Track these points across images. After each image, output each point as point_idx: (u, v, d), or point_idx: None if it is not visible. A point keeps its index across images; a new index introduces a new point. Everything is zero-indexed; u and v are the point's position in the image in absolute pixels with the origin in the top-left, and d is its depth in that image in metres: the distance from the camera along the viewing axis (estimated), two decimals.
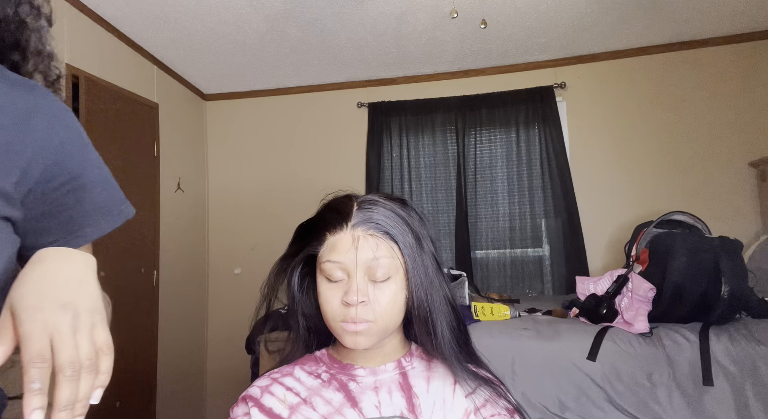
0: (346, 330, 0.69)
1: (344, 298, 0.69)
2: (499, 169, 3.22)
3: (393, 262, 0.71)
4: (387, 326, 0.71)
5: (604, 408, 1.57)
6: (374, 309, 0.69)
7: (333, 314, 0.70)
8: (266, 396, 0.72)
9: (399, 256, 0.72)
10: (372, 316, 0.69)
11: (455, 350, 0.73)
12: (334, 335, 0.73)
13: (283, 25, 2.65)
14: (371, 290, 0.70)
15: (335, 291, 0.71)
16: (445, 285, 0.75)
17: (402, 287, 0.72)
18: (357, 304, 0.68)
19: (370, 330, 0.69)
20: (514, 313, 1.92)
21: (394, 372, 0.74)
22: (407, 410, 0.69)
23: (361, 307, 0.69)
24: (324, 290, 0.72)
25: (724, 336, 1.58)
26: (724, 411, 1.50)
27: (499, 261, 3.16)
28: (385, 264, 0.70)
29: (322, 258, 0.72)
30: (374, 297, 0.69)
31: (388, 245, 0.71)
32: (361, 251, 0.70)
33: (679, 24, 2.80)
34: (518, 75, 3.25)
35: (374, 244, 0.70)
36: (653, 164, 3.03)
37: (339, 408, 0.70)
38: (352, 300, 0.68)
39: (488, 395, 0.73)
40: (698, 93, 3.01)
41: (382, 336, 0.72)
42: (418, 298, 0.72)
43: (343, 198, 0.76)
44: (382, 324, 0.70)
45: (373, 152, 3.37)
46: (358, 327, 0.69)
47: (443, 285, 0.75)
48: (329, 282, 0.71)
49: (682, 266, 1.68)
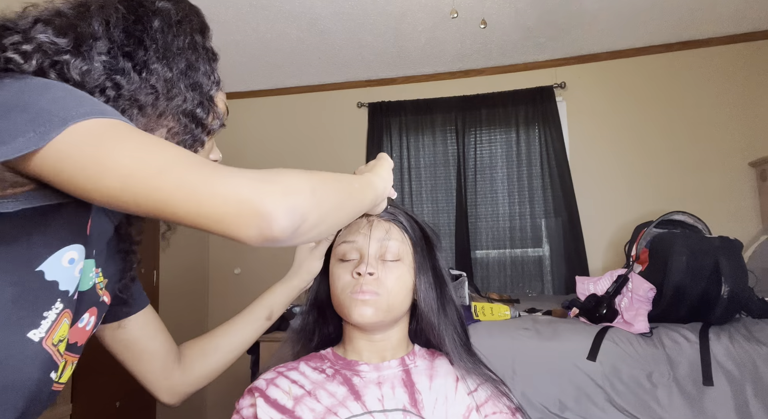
0: (354, 298, 0.74)
1: (355, 269, 0.76)
2: (499, 169, 3.22)
3: (403, 247, 0.79)
4: (393, 304, 0.75)
5: (604, 408, 1.57)
6: (382, 284, 0.75)
7: (343, 286, 0.76)
8: (272, 387, 0.74)
9: (409, 245, 0.79)
10: (381, 290, 0.74)
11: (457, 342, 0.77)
12: (343, 312, 0.77)
13: (283, 25, 2.65)
14: (381, 268, 0.76)
15: (347, 268, 0.78)
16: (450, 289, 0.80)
17: (410, 272, 0.78)
18: (366, 273, 0.75)
19: (377, 302, 0.74)
20: (514, 313, 1.92)
21: (397, 369, 0.76)
22: (410, 404, 0.70)
23: (371, 279, 0.75)
24: (336, 269, 0.79)
25: (724, 336, 1.58)
26: (724, 411, 1.50)
27: (499, 261, 3.16)
28: (395, 246, 0.78)
29: (338, 241, 0.81)
30: (383, 275, 0.76)
31: (400, 232, 0.80)
32: (375, 231, 0.78)
33: (679, 24, 2.79)
34: (518, 75, 3.25)
35: (387, 227, 0.79)
36: (653, 164, 3.03)
37: (342, 400, 0.71)
38: (362, 270, 0.75)
39: (490, 393, 0.74)
40: (698, 93, 3.01)
41: (387, 314, 0.75)
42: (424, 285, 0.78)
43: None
44: (388, 300, 0.75)
45: (373, 152, 3.36)
46: (366, 296, 0.73)
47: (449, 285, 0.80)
48: (342, 262, 0.79)
49: (682, 266, 1.68)
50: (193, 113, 0.63)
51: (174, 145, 0.47)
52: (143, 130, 0.57)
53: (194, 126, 0.64)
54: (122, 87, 0.56)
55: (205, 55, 0.67)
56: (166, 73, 0.60)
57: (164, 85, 0.60)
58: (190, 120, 0.63)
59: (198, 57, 0.65)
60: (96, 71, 0.55)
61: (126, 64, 0.58)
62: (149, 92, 0.59)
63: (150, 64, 0.59)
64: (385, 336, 0.78)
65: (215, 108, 0.69)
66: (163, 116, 0.61)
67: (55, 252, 0.50)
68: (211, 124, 0.68)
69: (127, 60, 0.58)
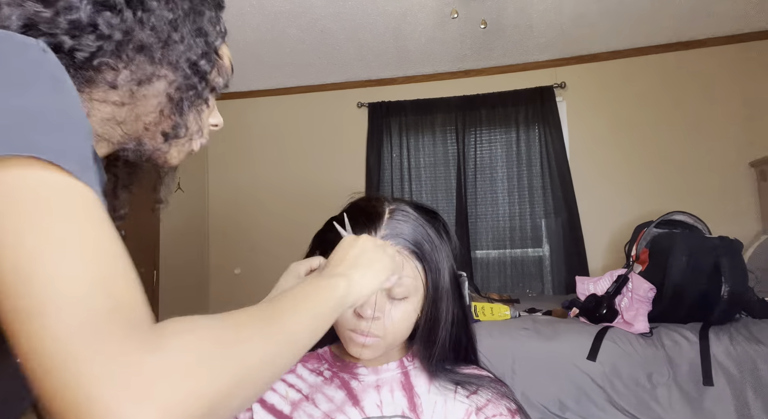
0: (354, 340, 0.69)
1: (358, 309, 0.67)
2: (499, 169, 3.22)
3: (414, 283, 0.69)
4: (394, 342, 0.71)
5: (604, 408, 1.57)
6: (385, 326, 0.68)
7: (344, 321, 0.69)
8: (268, 392, 0.73)
9: (422, 278, 0.70)
10: (382, 332, 0.68)
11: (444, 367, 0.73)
12: (340, 339, 0.73)
13: (283, 25, 2.65)
14: (386, 306, 0.68)
15: None
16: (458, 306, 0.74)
17: (416, 308, 0.71)
18: (370, 319, 0.67)
19: (377, 345, 0.69)
20: (514, 313, 1.92)
21: (396, 372, 0.74)
22: (408, 409, 0.70)
23: (374, 322, 0.68)
24: None
25: (724, 336, 1.58)
26: (724, 411, 1.50)
27: (499, 261, 3.16)
28: (407, 284, 0.69)
29: None
30: (387, 313, 0.68)
31: (414, 265, 0.70)
32: None
33: (679, 24, 2.79)
34: (518, 75, 3.25)
35: (401, 262, 0.68)
36: (653, 164, 3.03)
37: (341, 405, 0.70)
38: (367, 314, 0.67)
39: (490, 396, 0.73)
40: (698, 93, 3.01)
41: (388, 350, 0.72)
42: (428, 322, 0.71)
43: (374, 201, 0.74)
44: (390, 340, 0.70)
45: (373, 152, 3.37)
46: (367, 341, 0.68)
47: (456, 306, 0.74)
48: None
49: (682, 266, 1.68)
50: (197, 64, 0.54)
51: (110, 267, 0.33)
52: (141, 84, 0.49)
53: (197, 80, 0.55)
54: (115, 26, 0.47)
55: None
56: (166, 13, 0.50)
57: (166, 27, 0.50)
58: (194, 72, 0.54)
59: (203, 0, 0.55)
60: (81, 7, 0.45)
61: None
62: (150, 33, 0.49)
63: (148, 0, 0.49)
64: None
65: (220, 62, 0.59)
66: (163, 65, 0.51)
67: None
68: (214, 81, 0.59)
69: None
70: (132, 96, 0.50)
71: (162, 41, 0.50)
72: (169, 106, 0.53)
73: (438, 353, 0.72)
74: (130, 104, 0.51)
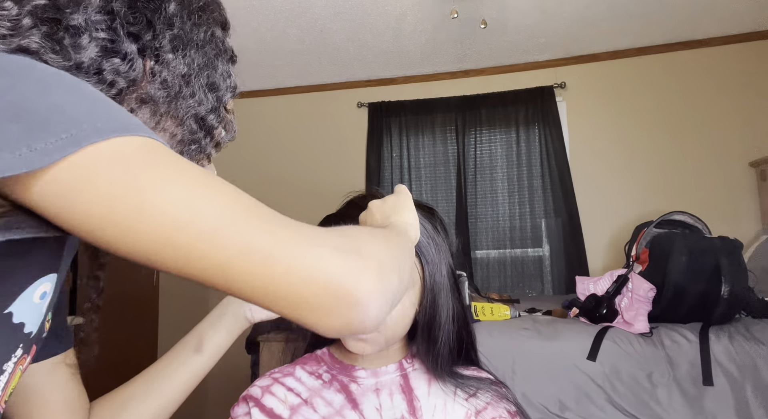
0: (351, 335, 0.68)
1: None
2: (499, 169, 3.22)
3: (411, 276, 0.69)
4: (393, 337, 0.71)
5: (604, 408, 1.57)
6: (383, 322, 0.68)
7: None
8: (267, 396, 0.72)
9: (419, 271, 0.71)
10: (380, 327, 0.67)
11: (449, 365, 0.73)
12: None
13: (283, 25, 2.65)
14: None
15: None
16: (457, 303, 0.74)
17: (414, 302, 0.71)
18: None
19: (376, 340, 0.69)
20: (514, 313, 1.92)
21: (395, 374, 0.74)
22: (408, 413, 0.69)
23: None
24: None
25: (724, 336, 1.58)
26: (724, 411, 1.50)
27: (499, 261, 3.16)
28: None
29: None
30: None
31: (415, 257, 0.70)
32: None
33: (679, 24, 2.79)
34: (518, 75, 3.25)
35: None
36: (653, 164, 3.03)
37: (340, 409, 0.70)
38: None
39: (490, 398, 0.73)
40: (698, 93, 3.01)
41: (387, 345, 0.72)
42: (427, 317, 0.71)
43: (370, 197, 0.74)
44: (389, 334, 0.70)
45: (373, 152, 3.37)
46: (363, 336, 0.68)
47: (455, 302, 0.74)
48: None
49: (682, 266, 1.68)
50: (204, 119, 0.52)
51: (228, 185, 0.36)
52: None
53: (203, 134, 0.53)
54: (122, 74, 0.44)
55: (224, 53, 0.56)
56: (181, 67, 0.48)
57: (178, 81, 0.48)
58: (200, 127, 0.52)
59: (218, 54, 0.54)
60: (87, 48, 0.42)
61: (130, 47, 0.45)
62: (159, 87, 0.47)
63: (163, 52, 0.47)
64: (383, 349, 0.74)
65: (227, 117, 0.59)
66: (167, 118, 0.50)
67: (28, 288, 0.39)
68: (219, 136, 0.57)
69: (132, 41, 0.45)
70: None
71: (171, 96, 0.48)
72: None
73: (439, 353, 0.72)
74: None
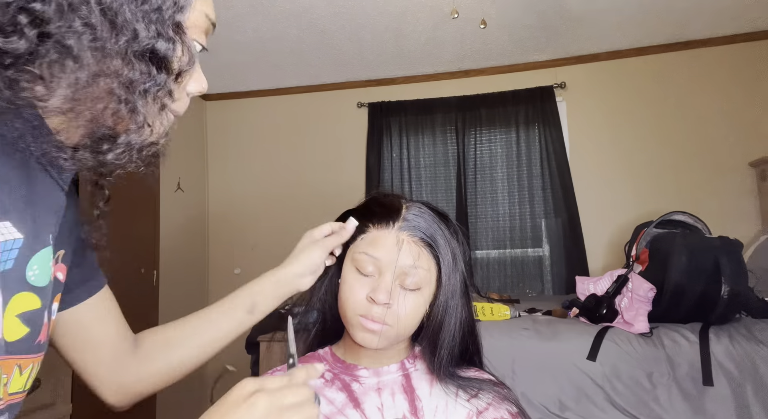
0: (363, 325, 0.69)
1: (371, 294, 0.69)
2: (499, 169, 3.22)
3: (427, 276, 0.71)
4: (401, 333, 0.71)
5: (604, 408, 1.57)
6: (395, 315, 0.69)
7: (355, 306, 0.70)
8: None
9: (435, 272, 0.72)
10: (392, 321, 0.69)
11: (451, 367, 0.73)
12: (347, 326, 0.73)
13: (283, 25, 2.65)
14: (398, 295, 0.69)
15: (363, 284, 0.70)
16: (466, 310, 0.75)
17: (426, 301, 0.72)
18: (383, 304, 0.68)
19: (386, 333, 0.70)
20: (514, 313, 1.92)
21: (397, 374, 0.74)
22: (410, 413, 0.69)
23: (385, 309, 0.69)
24: (351, 279, 0.72)
25: (724, 336, 1.58)
26: (724, 411, 1.50)
27: (499, 261, 3.16)
28: (420, 275, 0.70)
29: (358, 248, 0.72)
30: (399, 303, 0.69)
31: (429, 257, 0.71)
32: (403, 255, 0.70)
33: (679, 24, 2.79)
34: (518, 75, 3.25)
35: (416, 253, 0.70)
36: (653, 164, 3.03)
37: (341, 408, 0.70)
38: (380, 299, 0.68)
39: (491, 399, 0.73)
40: (698, 93, 3.01)
41: (393, 342, 0.72)
42: (435, 318, 0.72)
43: (393, 196, 0.77)
44: (398, 330, 0.70)
45: (373, 152, 3.37)
46: (376, 327, 0.69)
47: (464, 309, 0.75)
48: (358, 273, 0.71)
49: (682, 266, 1.68)
50: (151, 51, 0.44)
51: None
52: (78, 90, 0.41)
53: (156, 69, 0.45)
54: (43, 21, 0.38)
55: None
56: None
57: (101, 17, 0.40)
58: (148, 62, 0.44)
59: None
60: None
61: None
62: (81, 30, 0.39)
63: None
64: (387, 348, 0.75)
65: (184, 37, 0.48)
66: (107, 60, 0.42)
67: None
68: (181, 63, 0.48)
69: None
70: (72, 103, 0.42)
71: (100, 35, 0.40)
72: (121, 107, 0.44)
73: (443, 355, 0.72)
74: (72, 112, 0.43)
